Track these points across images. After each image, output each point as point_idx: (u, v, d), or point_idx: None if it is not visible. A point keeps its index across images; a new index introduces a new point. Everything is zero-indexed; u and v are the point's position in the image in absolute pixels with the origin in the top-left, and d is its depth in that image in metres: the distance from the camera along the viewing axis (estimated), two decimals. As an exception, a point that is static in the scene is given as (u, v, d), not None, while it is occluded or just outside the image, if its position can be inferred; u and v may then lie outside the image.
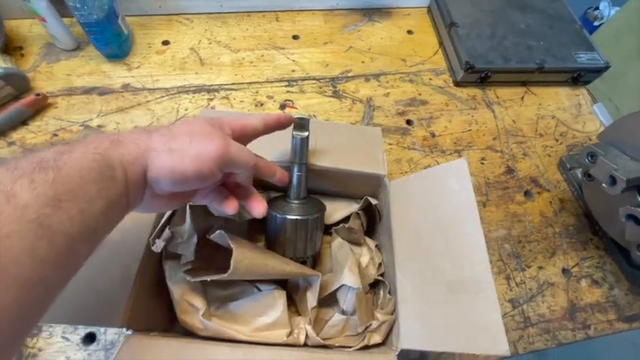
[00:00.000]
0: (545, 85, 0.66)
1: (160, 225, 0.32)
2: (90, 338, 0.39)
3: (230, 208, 0.29)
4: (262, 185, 0.42)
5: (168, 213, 0.32)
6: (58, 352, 0.38)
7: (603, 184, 0.43)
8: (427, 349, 0.30)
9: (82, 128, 0.51)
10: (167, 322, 0.35)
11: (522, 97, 0.65)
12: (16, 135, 0.50)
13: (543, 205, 0.54)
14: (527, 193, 0.55)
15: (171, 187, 0.24)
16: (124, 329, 0.29)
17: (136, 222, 0.32)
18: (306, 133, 0.34)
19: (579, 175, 0.54)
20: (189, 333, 0.33)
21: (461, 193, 0.33)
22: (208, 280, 0.30)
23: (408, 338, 0.31)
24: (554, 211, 0.54)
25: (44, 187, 0.17)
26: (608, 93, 1.00)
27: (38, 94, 0.50)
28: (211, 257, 0.35)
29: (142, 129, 0.24)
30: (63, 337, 0.39)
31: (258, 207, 0.30)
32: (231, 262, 0.28)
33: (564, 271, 0.49)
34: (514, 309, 0.46)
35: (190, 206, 0.33)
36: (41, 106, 0.52)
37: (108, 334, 0.39)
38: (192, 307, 0.33)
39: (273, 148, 0.37)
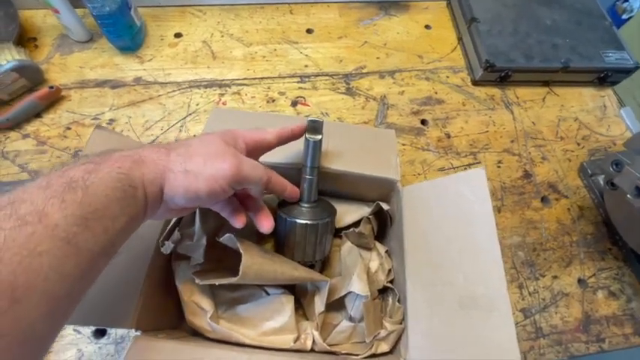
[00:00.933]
0: (569, 86, 0.63)
1: (170, 227, 0.31)
2: (101, 332, 0.40)
3: (238, 222, 0.29)
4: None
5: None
6: (70, 344, 0.39)
7: (628, 195, 0.41)
8: None
9: (94, 122, 0.51)
10: (176, 320, 0.36)
11: (544, 98, 0.62)
12: (30, 127, 0.50)
13: (561, 212, 0.52)
14: (544, 199, 0.53)
15: (185, 204, 0.25)
16: (133, 330, 0.29)
17: (146, 224, 0.32)
18: (319, 137, 0.33)
19: (601, 182, 0.52)
20: (196, 333, 0.33)
21: (477, 204, 0.32)
22: (217, 284, 0.30)
23: (417, 349, 0.30)
24: (572, 218, 0.52)
25: (73, 207, 0.19)
26: (632, 90, 0.95)
27: (52, 87, 0.51)
28: (220, 259, 0.34)
29: (162, 146, 0.25)
30: (75, 330, 0.39)
31: (265, 223, 0.31)
32: (240, 267, 0.27)
33: (580, 281, 0.48)
34: (526, 319, 0.45)
35: (199, 208, 0.32)
36: (55, 98, 0.52)
37: (118, 329, 0.40)
38: (200, 309, 0.33)
39: (285, 150, 0.36)
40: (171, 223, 0.32)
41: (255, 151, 0.30)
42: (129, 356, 0.27)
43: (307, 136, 0.33)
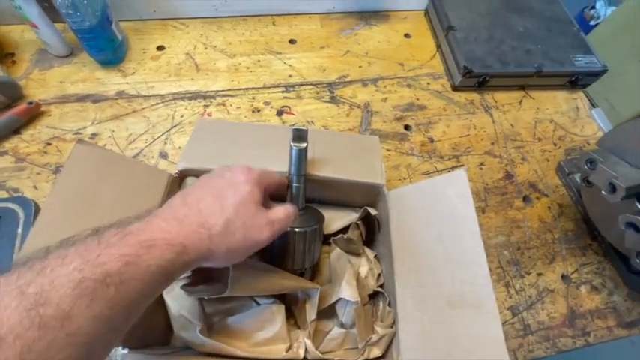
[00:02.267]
0: (543, 89, 0.66)
1: None
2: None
3: None
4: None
5: None
6: None
7: (603, 192, 0.43)
8: None
9: (76, 137, 0.51)
10: (164, 336, 0.35)
11: (520, 101, 0.65)
12: (8, 144, 0.49)
13: (542, 211, 0.54)
14: (525, 199, 0.55)
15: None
16: (120, 348, 0.28)
17: None
18: (304, 145, 0.34)
19: (578, 180, 0.54)
20: (187, 347, 0.33)
21: (460, 205, 0.33)
22: (206, 297, 0.29)
23: (409, 350, 0.31)
24: (552, 216, 0.54)
25: (101, 305, 0.18)
26: (604, 92, 1.00)
27: (31, 103, 0.50)
28: (209, 270, 0.34)
29: (201, 221, 0.24)
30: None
31: None
32: (229, 280, 0.27)
33: (564, 277, 0.49)
34: (514, 316, 0.46)
35: None
36: (34, 114, 0.51)
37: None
38: (189, 322, 0.32)
39: (271, 158, 0.37)
40: None
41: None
42: None
43: (292, 144, 0.34)
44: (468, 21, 0.66)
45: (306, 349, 0.33)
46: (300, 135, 0.34)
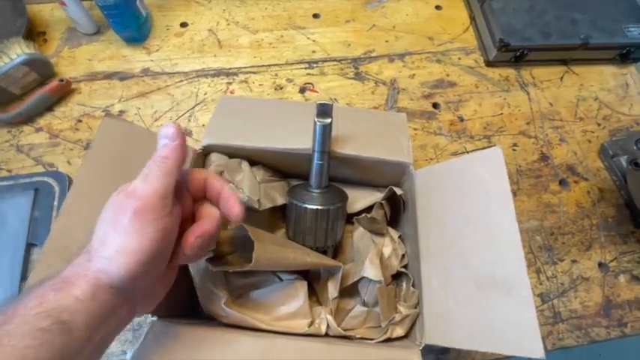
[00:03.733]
0: (589, 64, 0.60)
1: None
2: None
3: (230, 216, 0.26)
4: (282, 172, 0.42)
5: None
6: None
7: (653, 175, 0.39)
8: (452, 346, 0.29)
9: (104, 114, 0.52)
10: (189, 307, 0.36)
11: (561, 77, 0.60)
12: (42, 121, 0.51)
13: (580, 195, 0.51)
14: (562, 182, 0.52)
15: (148, 275, 0.22)
16: (149, 315, 0.29)
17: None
18: (328, 120, 0.33)
19: (623, 163, 0.50)
20: (211, 318, 0.34)
21: (494, 184, 0.31)
22: (230, 271, 0.30)
23: (433, 334, 0.30)
24: (592, 201, 0.50)
25: None
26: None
27: (62, 80, 0.51)
28: (232, 243, 0.34)
29: (79, 255, 0.22)
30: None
31: (233, 210, 0.26)
32: (253, 254, 0.27)
33: (601, 265, 0.46)
34: (543, 304, 0.44)
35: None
36: (65, 91, 0.52)
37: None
38: (214, 294, 0.33)
39: (294, 136, 0.36)
40: None
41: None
42: (147, 340, 0.28)
43: (317, 119, 0.33)
44: (506, -11, 0.61)
45: (327, 326, 0.33)
46: (324, 110, 0.33)
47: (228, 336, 0.29)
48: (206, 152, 0.37)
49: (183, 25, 0.61)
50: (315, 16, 0.63)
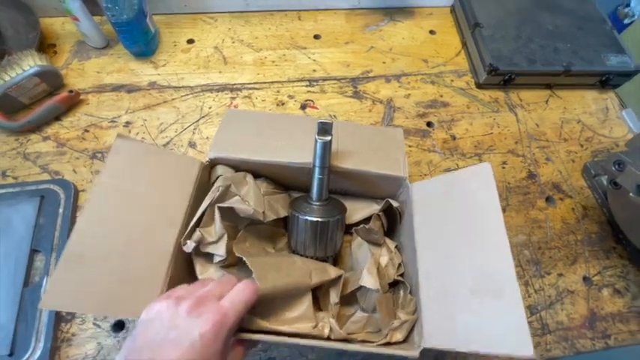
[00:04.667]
0: (572, 89, 0.65)
1: (190, 227, 0.33)
2: (120, 325, 0.41)
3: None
4: (284, 185, 0.44)
5: (197, 214, 0.34)
6: (90, 337, 0.40)
7: (630, 194, 0.42)
8: (450, 348, 0.30)
9: (112, 125, 0.53)
10: None
11: (547, 101, 0.64)
12: (50, 130, 0.52)
13: (565, 212, 0.54)
14: (548, 199, 0.54)
15: None
16: None
17: (164, 223, 0.33)
18: (328, 138, 0.35)
19: (604, 182, 0.53)
20: None
21: (485, 198, 0.33)
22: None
23: (432, 337, 0.31)
24: (576, 218, 0.53)
25: None
26: (637, 93, 0.97)
27: (71, 91, 0.53)
28: (243, 252, 0.36)
29: None
30: (94, 324, 0.41)
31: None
32: (256, 280, 0.29)
33: (585, 279, 0.49)
34: (532, 315, 0.46)
35: (218, 207, 0.34)
36: (74, 102, 0.54)
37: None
38: None
39: (296, 150, 0.38)
40: (192, 223, 0.33)
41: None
42: None
43: (317, 137, 0.35)
44: (495, 18, 0.65)
45: (330, 329, 0.34)
46: (325, 128, 0.35)
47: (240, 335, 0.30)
48: (212, 164, 0.39)
49: (190, 41, 0.63)
50: (316, 37, 0.66)
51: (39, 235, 0.44)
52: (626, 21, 1.67)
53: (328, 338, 0.34)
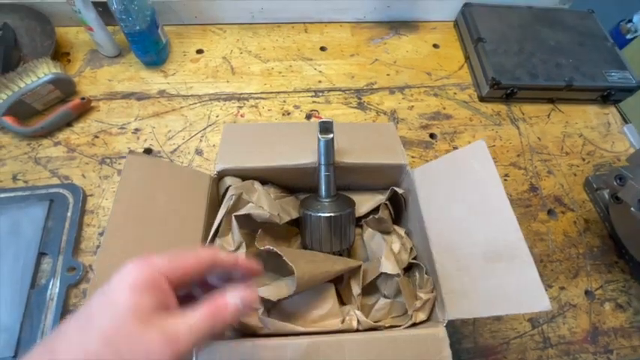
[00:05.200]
0: (574, 103, 0.65)
1: (209, 238, 0.34)
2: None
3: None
4: (289, 188, 0.44)
5: (215, 225, 0.35)
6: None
7: (632, 208, 0.42)
8: (473, 316, 0.32)
9: (121, 131, 0.55)
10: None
11: (549, 115, 0.64)
12: (61, 135, 0.53)
13: (567, 225, 0.54)
14: (550, 212, 0.55)
15: None
16: None
17: (187, 237, 0.34)
18: (330, 135, 0.36)
19: (606, 196, 0.53)
20: (244, 335, 0.35)
21: (484, 172, 0.35)
22: (275, 300, 0.32)
23: (454, 310, 0.33)
24: (578, 231, 0.53)
25: None
26: (639, 108, 0.97)
27: (83, 98, 0.54)
28: (260, 260, 0.37)
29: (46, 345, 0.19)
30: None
31: (253, 267, 0.25)
32: (295, 279, 0.30)
33: (587, 293, 0.49)
34: (533, 328, 0.46)
35: (235, 216, 0.35)
36: (85, 109, 0.55)
37: None
38: None
39: (299, 153, 0.39)
40: (211, 233, 0.34)
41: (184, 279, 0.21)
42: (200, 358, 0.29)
43: (320, 136, 0.36)
44: (497, 33, 0.67)
45: (358, 321, 0.35)
46: (326, 127, 0.36)
47: (272, 343, 0.30)
48: (220, 176, 0.40)
49: (199, 51, 0.65)
50: (322, 49, 0.68)
51: (47, 239, 0.45)
52: (629, 36, 1.68)
53: (357, 330, 0.34)
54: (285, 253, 0.32)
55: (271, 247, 0.33)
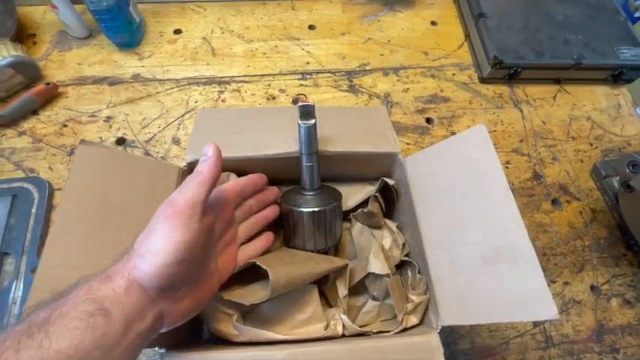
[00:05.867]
0: (582, 84, 0.61)
1: None
2: None
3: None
4: (271, 180, 0.41)
5: None
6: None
7: (645, 198, 0.39)
8: (469, 323, 0.29)
9: (91, 119, 0.51)
10: (192, 336, 0.35)
11: (554, 96, 0.60)
12: (26, 124, 0.49)
13: (572, 215, 0.50)
14: (555, 202, 0.51)
15: (180, 272, 0.23)
16: (157, 348, 0.27)
17: None
18: (312, 121, 0.32)
19: (615, 184, 0.50)
20: (217, 342, 0.32)
21: (484, 160, 0.31)
22: (247, 304, 0.29)
23: (449, 315, 0.30)
24: (584, 222, 0.50)
25: (29, 353, 0.17)
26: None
27: (48, 84, 0.50)
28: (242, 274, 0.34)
29: (120, 259, 0.24)
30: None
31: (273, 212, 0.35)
32: (269, 284, 0.27)
33: (593, 288, 0.46)
34: (535, 327, 0.43)
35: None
36: (51, 95, 0.51)
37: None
38: (224, 315, 0.31)
39: (280, 141, 0.35)
40: None
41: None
42: None
43: (300, 122, 0.32)
44: (501, 8, 0.61)
45: (343, 326, 0.32)
46: (307, 111, 0.32)
47: (244, 355, 0.27)
48: (190, 168, 0.36)
49: (177, 32, 0.60)
50: (311, 27, 0.63)
51: (9, 237, 0.41)
52: (637, 14, 1.61)
53: (343, 335, 0.31)
54: (259, 259, 0.29)
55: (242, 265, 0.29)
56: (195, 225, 0.24)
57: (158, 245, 0.22)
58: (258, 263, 0.28)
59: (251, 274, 0.32)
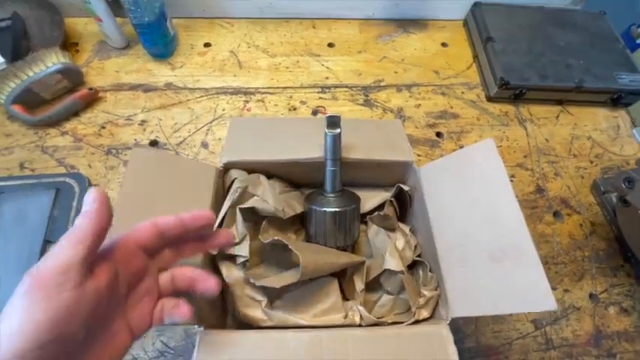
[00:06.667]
0: (583, 105, 0.65)
1: (214, 229, 0.34)
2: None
3: (181, 314, 0.25)
4: (294, 183, 0.44)
5: (219, 218, 0.35)
6: None
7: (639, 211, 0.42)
8: (477, 314, 0.32)
9: (128, 122, 0.55)
10: (220, 318, 0.38)
11: (557, 116, 0.64)
12: (69, 125, 0.54)
13: (573, 228, 0.53)
14: (556, 214, 0.54)
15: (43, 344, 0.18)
16: (196, 325, 0.29)
17: None
18: (338, 130, 0.36)
19: (614, 200, 0.53)
20: (245, 327, 0.35)
21: (492, 171, 0.35)
22: (278, 287, 0.32)
23: (458, 307, 0.32)
24: (584, 234, 0.53)
25: None
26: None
27: (91, 89, 0.54)
28: (263, 253, 0.37)
29: None
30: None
31: (209, 284, 0.26)
32: (300, 267, 0.30)
33: (592, 296, 0.48)
34: (536, 330, 0.45)
35: (240, 209, 0.35)
36: (92, 99, 0.55)
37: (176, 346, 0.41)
38: (254, 300, 0.35)
39: (306, 148, 0.39)
40: (216, 225, 0.34)
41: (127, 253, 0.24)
42: (201, 350, 0.28)
43: (327, 131, 0.36)
44: (507, 33, 0.66)
45: (360, 316, 0.35)
46: (334, 121, 0.36)
47: (274, 335, 0.30)
48: (226, 169, 0.40)
49: (207, 45, 0.65)
50: (330, 45, 0.68)
51: (53, 227, 0.45)
52: (639, 41, 1.66)
53: (359, 325, 0.34)
54: (290, 242, 0.32)
55: (277, 238, 0.33)
56: (70, 293, 0.19)
57: (14, 327, 0.18)
58: (290, 246, 0.31)
59: (278, 260, 0.35)
